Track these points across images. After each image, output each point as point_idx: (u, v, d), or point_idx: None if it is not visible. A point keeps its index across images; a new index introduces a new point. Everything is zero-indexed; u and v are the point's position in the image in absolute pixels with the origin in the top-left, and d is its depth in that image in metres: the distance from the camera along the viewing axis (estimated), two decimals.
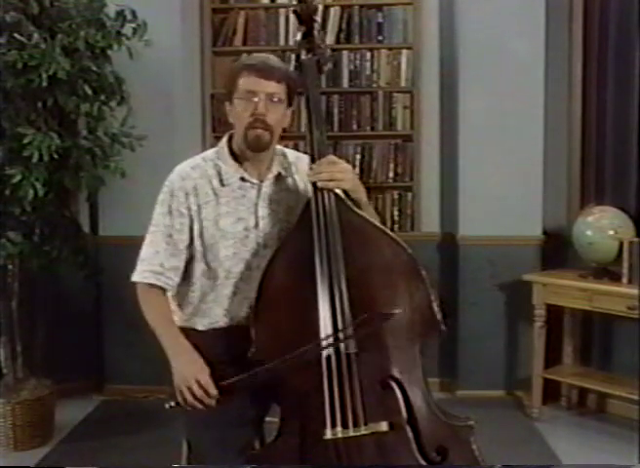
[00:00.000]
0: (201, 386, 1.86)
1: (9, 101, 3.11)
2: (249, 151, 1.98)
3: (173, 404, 1.90)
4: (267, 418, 2.00)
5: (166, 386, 2.02)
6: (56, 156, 3.05)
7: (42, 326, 3.49)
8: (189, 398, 1.87)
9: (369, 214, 1.97)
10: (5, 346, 3.31)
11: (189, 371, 1.89)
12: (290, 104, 2.00)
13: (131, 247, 2.13)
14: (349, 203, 1.90)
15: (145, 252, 2.02)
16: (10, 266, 3.24)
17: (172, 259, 1.99)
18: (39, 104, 3.14)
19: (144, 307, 2.01)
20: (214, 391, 1.86)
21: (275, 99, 1.94)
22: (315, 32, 2.00)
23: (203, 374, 1.88)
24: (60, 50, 2.99)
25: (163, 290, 2.01)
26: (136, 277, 2.02)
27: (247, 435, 1.90)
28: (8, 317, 3.29)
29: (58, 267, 3.36)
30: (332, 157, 1.92)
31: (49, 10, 3.13)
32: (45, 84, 2.97)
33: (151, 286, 2.00)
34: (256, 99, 1.92)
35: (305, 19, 1.99)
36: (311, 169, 1.89)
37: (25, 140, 2.97)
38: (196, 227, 1.99)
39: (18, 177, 2.99)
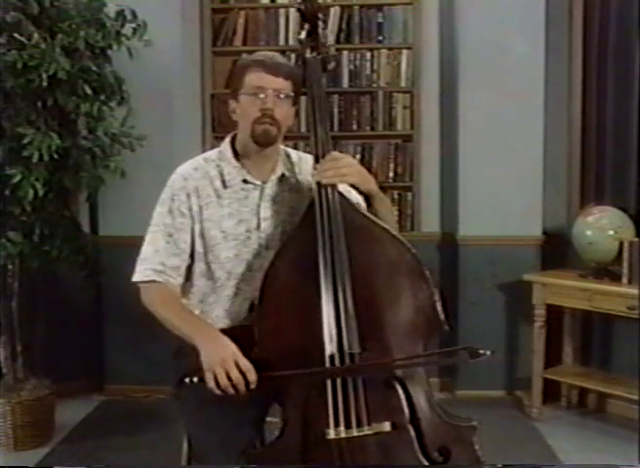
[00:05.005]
0: (240, 370, 1.73)
1: (9, 101, 3.11)
2: (255, 146, 1.97)
3: (195, 379, 1.74)
4: (268, 418, 1.99)
5: (166, 386, 2.01)
6: (56, 156, 3.04)
7: (42, 326, 3.49)
8: (224, 381, 1.72)
9: (383, 205, 1.96)
10: (5, 346, 3.30)
11: (227, 353, 1.75)
12: (294, 102, 2.00)
13: (131, 247, 2.13)
14: (353, 202, 1.89)
15: (145, 251, 1.99)
16: (10, 266, 3.24)
17: (172, 258, 1.97)
18: (39, 104, 3.13)
19: (151, 305, 1.95)
20: (253, 377, 1.73)
21: (282, 96, 1.94)
22: (320, 30, 2.00)
23: (242, 358, 1.75)
24: (60, 50, 2.99)
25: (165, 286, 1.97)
26: (137, 277, 1.99)
27: (248, 435, 1.87)
28: (8, 317, 3.29)
29: (58, 267, 3.36)
30: (335, 153, 1.91)
31: (49, 10, 3.12)
32: (45, 84, 2.97)
33: (154, 283, 1.96)
34: (263, 95, 1.92)
35: (310, 17, 1.99)
36: (315, 168, 1.88)
37: (25, 140, 2.97)
38: (197, 228, 1.98)
39: (18, 177, 2.98)
